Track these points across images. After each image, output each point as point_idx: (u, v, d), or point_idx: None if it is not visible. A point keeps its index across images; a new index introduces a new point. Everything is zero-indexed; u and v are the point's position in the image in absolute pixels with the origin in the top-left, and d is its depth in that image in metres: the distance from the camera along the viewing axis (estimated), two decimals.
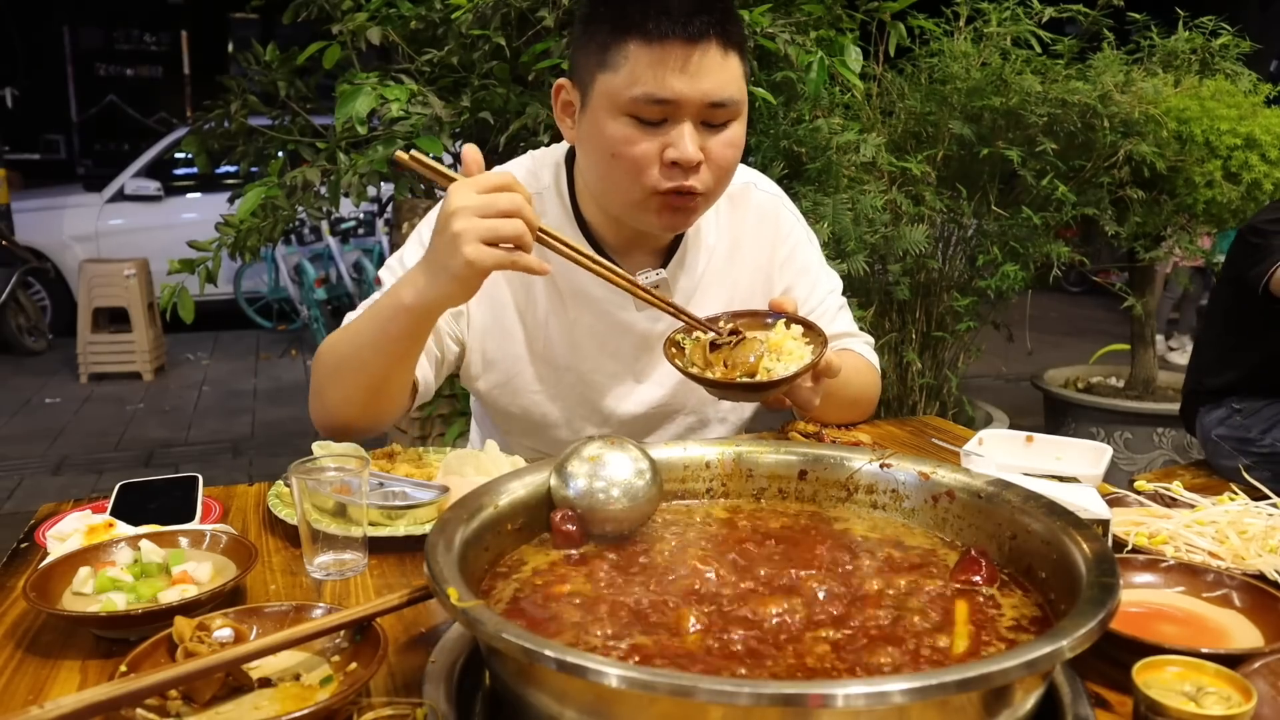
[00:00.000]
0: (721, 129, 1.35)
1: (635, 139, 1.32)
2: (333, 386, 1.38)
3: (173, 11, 14.21)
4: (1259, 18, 8.35)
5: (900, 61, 3.36)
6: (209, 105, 3.48)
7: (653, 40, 1.28)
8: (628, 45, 1.29)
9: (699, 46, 1.28)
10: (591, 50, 1.34)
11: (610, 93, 1.31)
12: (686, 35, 1.27)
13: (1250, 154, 3.23)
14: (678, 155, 1.31)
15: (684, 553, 0.96)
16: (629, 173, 1.34)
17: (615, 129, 1.32)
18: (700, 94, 1.29)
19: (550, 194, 1.50)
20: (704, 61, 1.29)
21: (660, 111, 1.30)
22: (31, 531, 1.21)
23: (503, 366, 1.55)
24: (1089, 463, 1.39)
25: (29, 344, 7.21)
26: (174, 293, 3.04)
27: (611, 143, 1.33)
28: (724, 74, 1.31)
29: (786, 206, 1.65)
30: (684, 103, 1.30)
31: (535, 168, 1.54)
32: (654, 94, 1.29)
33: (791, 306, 1.39)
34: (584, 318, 1.53)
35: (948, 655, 0.78)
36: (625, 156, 1.33)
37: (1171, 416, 3.83)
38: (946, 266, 3.37)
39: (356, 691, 0.80)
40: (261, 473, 4.65)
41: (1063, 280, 3.39)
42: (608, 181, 1.38)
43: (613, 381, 1.57)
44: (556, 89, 1.41)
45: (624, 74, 1.30)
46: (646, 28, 1.28)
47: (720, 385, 1.32)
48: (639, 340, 1.55)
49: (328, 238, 7.71)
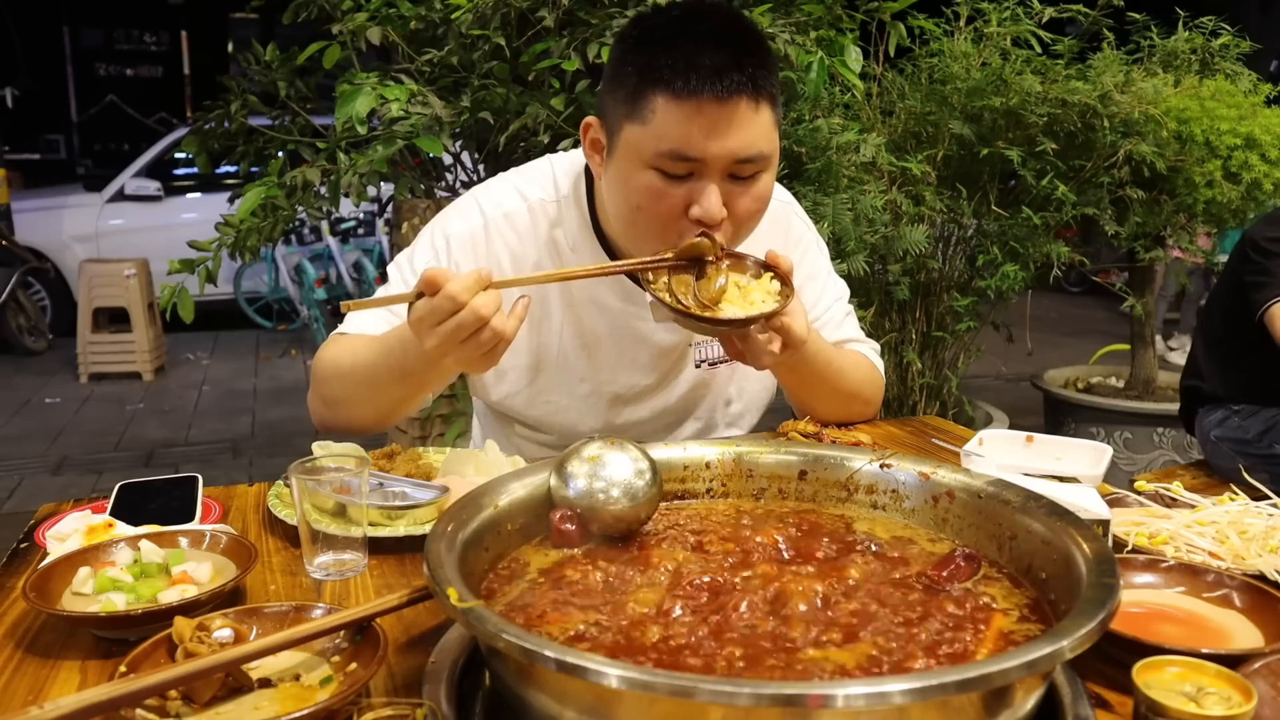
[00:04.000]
0: (750, 181, 1.31)
1: (661, 193, 1.28)
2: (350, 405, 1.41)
3: (173, 11, 14.22)
4: (1259, 18, 8.36)
5: (900, 61, 3.36)
6: (209, 105, 3.47)
7: (681, 97, 1.23)
8: (655, 99, 1.25)
9: (728, 105, 1.24)
10: (620, 97, 1.30)
11: (636, 144, 1.28)
12: (716, 94, 1.23)
13: (1250, 154, 3.22)
14: (701, 214, 1.27)
15: (684, 553, 0.95)
16: (652, 225, 1.31)
17: (640, 180, 1.29)
18: (728, 152, 1.25)
19: (569, 203, 1.48)
20: (734, 118, 1.24)
21: (686, 167, 1.27)
22: (31, 531, 1.21)
23: (513, 378, 1.55)
24: (1089, 463, 1.39)
25: (29, 344, 7.20)
26: (174, 293, 3.04)
27: (636, 194, 1.30)
28: (753, 129, 1.26)
29: (797, 213, 1.65)
30: (711, 160, 1.26)
31: (555, 174, 1.52)
32: (681, 152, 1.25)
33: (786, 265, 1.34)
34: (600, 328, 1.52)
35: (948, 656, 0.78)
36: (650, 211, 1.30)
37: (1171, 417, 3.82)
38: (946, 266, 3.38)
39: (356, 691, 0.80)
40: (261, 473, 4.65)
41: (1063, 280, 3.39)
42: (631, 230, 1.36)
43: (627, 391, 1.57)
44: (585, 126, 1.38)
45: (650, 128, 1.26)
46: (675, 84, 1.23)
47: (676, 311, 1.28)
48: (656, 350, 1.55)
49: (328, 238, 7.70)
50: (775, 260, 1.34)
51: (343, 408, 1.43)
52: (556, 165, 1.53)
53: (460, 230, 1.47)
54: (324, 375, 1.42)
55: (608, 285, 1.50)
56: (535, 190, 1.50)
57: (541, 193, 1.50)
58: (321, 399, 1.44)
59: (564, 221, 1.48)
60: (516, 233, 1.48)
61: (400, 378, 1.33)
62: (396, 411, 1.43)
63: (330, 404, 1.43)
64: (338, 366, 1.40)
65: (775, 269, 1.34)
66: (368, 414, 1.42)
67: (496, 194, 1.51)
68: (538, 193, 1.50)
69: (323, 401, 1.44)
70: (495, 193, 1.51)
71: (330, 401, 1.43)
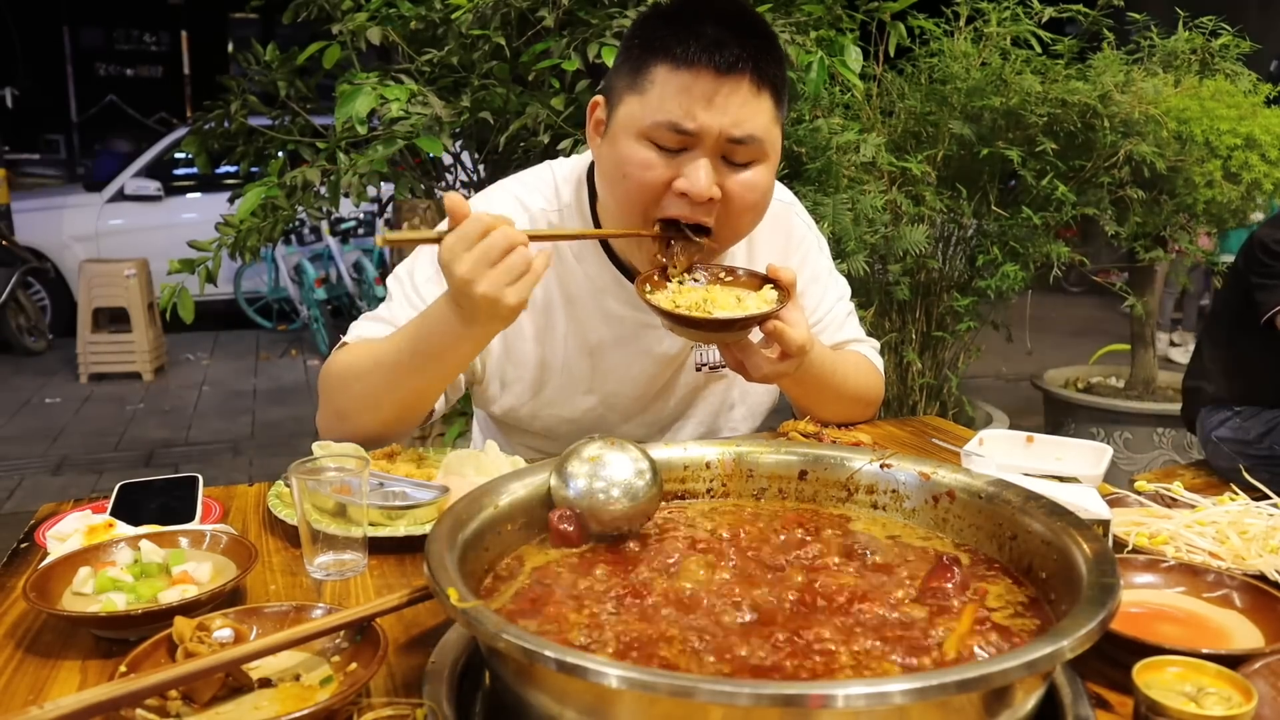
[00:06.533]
0: (743, 168, 1.29)
1: (650, 164, 1.28)
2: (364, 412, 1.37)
3: (173, 11, 14.23)
4: (1259, 18, 8.35)
5: (900, 61, 3.35)
6: (209, 105, 3.47)
7: (680, 66, 1.23)
8: (656, 69, 1.25)
9: (729, 79, 1.23)
10: (625, 71, 1.30)
11: (633, 115, 1.28)
12: (715, 65, 1.23)
13: (1250, 154, 3.22)
14: (687, 187, 1.26)
15: (683, 553, 0.95)
16: (636, 195, 1.30)
17: (632, 151, 1.28)
18: (721, 127, 1.24)
19: (571, 212, 1.48)
20: (732, 96, 1.24)
21: (679, 140, 1.26)
22: (31, 531, 1.21)
23: (517, 390, 1.54)
24: (1089, 463, 1.39)
25: (29, 344, 7.21)
26: (174, 293, 3.04)
27: (625, 163, 1.29)
28: (750, 110, 1.25)
29: (798, 214, 1.65)
30: (704, 134, 1.25)
31: (556, 182, 1.51)
32: (675, 122, 1.24)
33: (788, 277, 1.34)
34: (606, 337, 1.51)
35: (946, 656, 0.78)
36: (635, 179, 1.29)
37: (1171, 416, 3.83)
38: (946, 266, 3.38)
39: (356, 691, 0.80)
40: (261, 473, 4.65)
41: (1063, 280, 3.39)
42: (615, 200, 1.35)
43: (631, 398, 1.57)
44: (592, 106, 1.38)
45: (649, 98, 1.26)
46: (675, 52, 1.24)
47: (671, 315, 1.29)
48: (661, 358, 1.54)
49: (328, 238, 7.70)
50: (776, 274, 1.34)
51: (355, 417, 1.38)
52: (558, 172, 1.52)
53: None
54: (335, 385, 1.39)
55: (615, 294, 1.49)
56: (536, 200, 1.49)
57: (543, 202, 1.49)
58: (334, 412, 1.40)
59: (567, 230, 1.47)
60: None
61: (423, 364, 1.30)
62: (412, 412, 1.39)
63: (343, 416, 1.39)
64: (352, 371, 1.37)
65: (776, 281, 1.34)
66: (384, 419, 1.38)
67: (495, 204, 1.49)
68: (539, 202, 1.49)
69: (336, 414, 1.40)
70: (494, 203, 1.49)
71: (343, 413, 1.39)
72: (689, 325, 1.30)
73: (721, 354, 1.43)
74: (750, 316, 1.29)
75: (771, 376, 1.38)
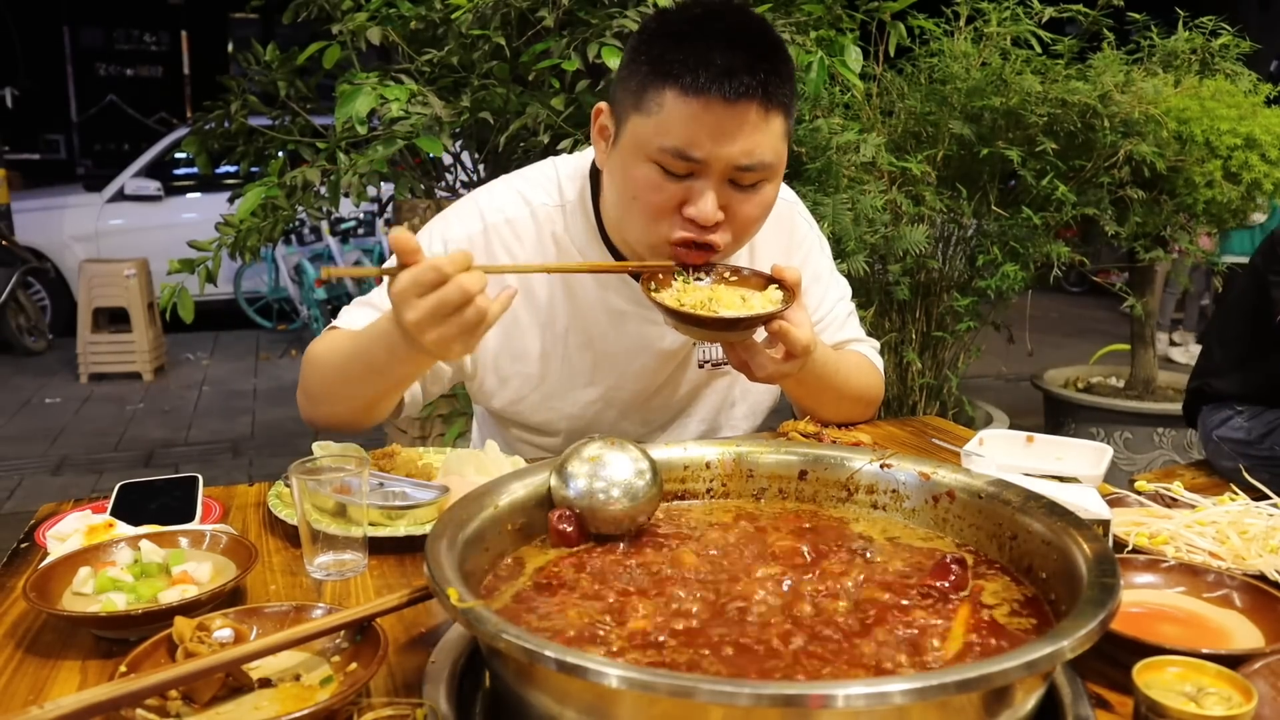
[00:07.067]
0: (751, 190, 1.29)
1: (658, 186, 1.27)
2: (325, 401, 1.39)
3: (173, 11, 14.23)
4: (1259, 18, 8.36)
5: (900, 61, 3.35)
6: (209, 105, 3.48)
7: (689, 94, 1.22)
8: (664, 93, 1.24)
9: (737, 108, 1.22)
10: (630, 87, 1.29)
11: (640, 137, 1.27)
12: (725, 95, 1.21)
13: (1250, 154, 3.22)
14: (695, 214, 1.27)
15: (683, 553, 0.95)
16: (645, 218, 1.30)
17: (639, 173, 1.28)
18: (729, 158, 1.24)
19: (574, 209, 1.47)
20: (741, 124, 1.23)
21: (687, 167, 1.26)
22: (31, 531, 1.21)
23: (515, 384, 1.54)
24: (1089, 463, 1.39)
25: (29, 344, 7.20)
26: (174, 293, 3.04)
27: (634, 185, 1.29)
28: (759, 137, 1.25)
29: (801, 214, 1.64)
30: (711, 163, 1.25)
31: (560, 179, 1.50)
32: (682, 150, 1.24)
33: (793, 277, 1.34)
34: (608, 333, 1.51)
35: (945, 656, 0.78)
36: (644, 201, 1.29)
37: (1171, 416, 3.83)
38: (946, 266, 3.37)
39: (356, 691, 0.80)
40: (261, 473, 4.65)
41: (1063, 280, 3.39)
42: (626, 220, 1.36)
43: (632, 394, 1.57)
44: (596, 111, 1.37)
45: (655, 122, 1.25)
46: (684, 80, 1.22)
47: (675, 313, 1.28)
48: (663, 354, 1.54)
49: (328, 238, 7.70)
50: (781, 274, 1.34)
51: (322, 403, 1.40)
52: (561, 169, 1.52)
53: (458, 235, 1.45)
54: (307, 370, 1.41)
55: (618, 289, 1.49)
56: (539, 195, 1.49)
57: (546, 197, 1.48)
58: (304, 392, 1.43)
59: (569, 227, 1.47)
60: (518, 238, 1.46)
61: (365, 374, 1.29)
62: (371, 410, 1.38)
63: (311, 399, 1.42)
64: (321, 360, 1.39)
65: (781, 281, 1.34)
66: (342, 411, 1.39)
67: (498, 198, 1.49)
68: (541, 197, 1.48)
69: (305, 395, 1.43)
70: (497, 197, 1.49)
71: (311, 396, 1.42)
72: (694, 324, 1.30)
73: (725, 353, 1.43)
74: (755, 316, 1.29)
75: (775, 376, 1.38)
